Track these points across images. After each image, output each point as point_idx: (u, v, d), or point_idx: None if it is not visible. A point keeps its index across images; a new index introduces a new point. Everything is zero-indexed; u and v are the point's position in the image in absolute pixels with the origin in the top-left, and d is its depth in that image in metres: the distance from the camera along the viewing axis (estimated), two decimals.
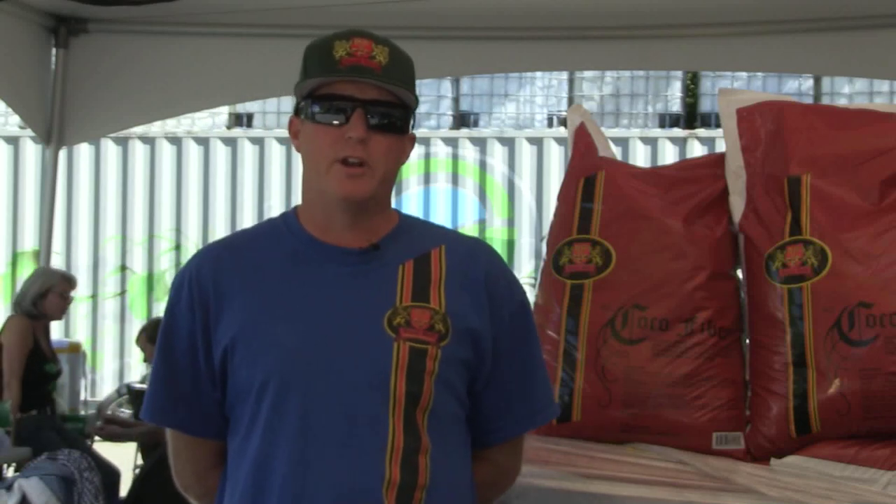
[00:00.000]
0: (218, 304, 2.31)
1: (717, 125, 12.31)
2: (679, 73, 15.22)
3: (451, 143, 14.01)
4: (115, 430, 7.29)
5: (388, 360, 2.26)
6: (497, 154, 13.87)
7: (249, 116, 14.90)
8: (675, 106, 15.70)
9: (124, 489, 6.88)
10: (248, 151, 13.92)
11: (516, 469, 2.51)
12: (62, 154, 7.20)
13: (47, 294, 7.25)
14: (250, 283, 2.32)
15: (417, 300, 2.31)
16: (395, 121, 2.30)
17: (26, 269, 11.59)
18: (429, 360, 2.27)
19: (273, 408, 2.26)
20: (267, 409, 2.27)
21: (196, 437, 2.39)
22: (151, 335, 6.74)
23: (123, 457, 8.65)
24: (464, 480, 2.36)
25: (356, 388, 2.25)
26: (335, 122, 2.27)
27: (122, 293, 13.89)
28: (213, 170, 13.86)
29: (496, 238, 13.67)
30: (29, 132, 11.58)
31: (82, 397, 9.96)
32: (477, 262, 2.39)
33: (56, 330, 9.52)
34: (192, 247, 13.17)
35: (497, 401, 2.39)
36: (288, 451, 2.25)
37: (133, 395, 7.81)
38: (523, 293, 2.45)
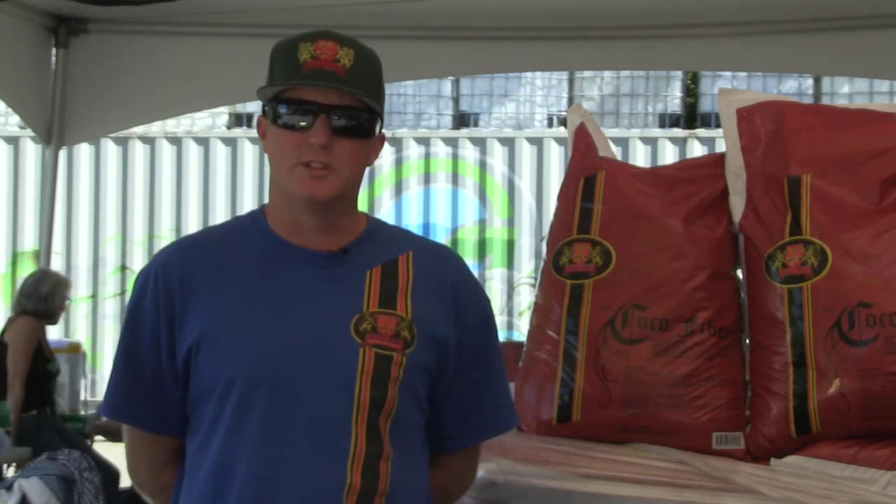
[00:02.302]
0: (184, 302, 2.30)
1: (717, 125, 12.32)
2: (679, 73, 15.23)
3: (451, 143, 14.02)
4: (114, 426, 7.30)
5: (353, 366, 2.25)
6: (497, 154, 13.88)
7: (249, 116, 14.90)
8: (675, 106, 15.71)
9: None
10: (248, 151, 13.92)
11: (472, 477, 2.51)
12: (62, 154, 7.21)
13: (56, 294, 7.27)
14: (218, 281, 2.30)
15: (384, 306, 2.30)
16: (359, 125, 2.28)
17: (26, 269, 11.59)
18: (394, 366, 2.27)
19: (237, 409, 2.25)
20: (230, 410, 2.25)
21: (154, 434, 2.37)
22: None
23: (123, 457, 8.65)
24: (422, 487, 2.35)
25: (321, 393, 2.24)
26: (298, 125, 2.26)
27: (122, 293, 13.90)
28: (213, 170, 13.87)
29: (496, 238, 13.68)
30: (29, 132, 11.58)
31: (82, 397, 9.95)
32: (444, 270, 2.38)
33: (56, 330, 9.52)
34: None
35: (457, 409, 2.39)
36: (249, 452, 2.24)
37: None
38: (488, 302, 2.45)
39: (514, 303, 13.63)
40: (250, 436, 2.24)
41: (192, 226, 13.61)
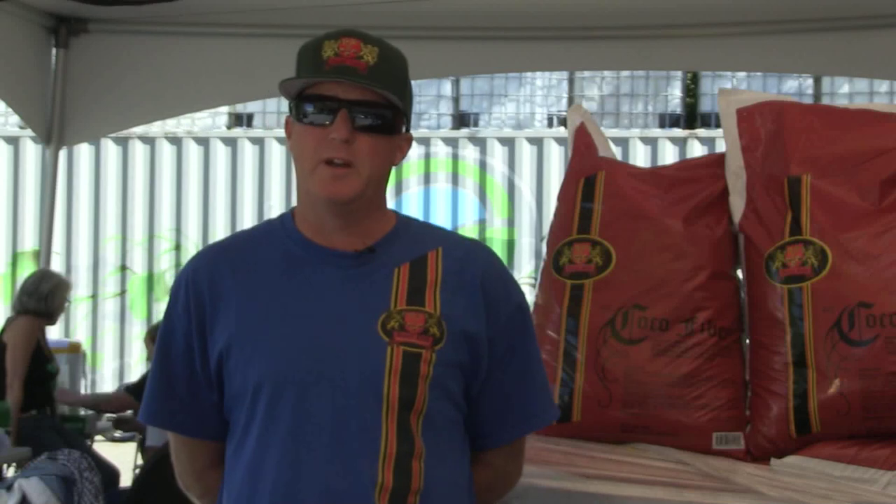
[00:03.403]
0: (213, 308, 2.31)
1: (717, 125, 12.32)
2: (679, 73, 15.22)
3: (451, 143, 14.01)
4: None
5: (381, 365, 2.25)
6: (497, 154, 13.87)
7: (249, 116, 14.90)
8: (675, 106, 15.70)
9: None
10: (248, 151, 13.92)
11: (517, 472, 2.50)
12: (62, 154, 7.21)
13: (56, 294, 7.26)
14: (245, 285, 2.32)
15: (412, 303, 2.30)
16: (381, 121, 2.28)
17: (26, 269, 11.59)
18: (423, 363, 2.26)
19: (267, 411, 2.26)
20: (261, 413, 2.27)
21: (194, 439, 2.39)
22: (155, 336, 6.76)
23: (123, 457, 8.65)
24: (460, 484, 2.34)
25: (349, 393, 2.24)
26: (321, 122, 2.26)
27: (122, 293, 13.89)
28: (213, 170, 13.87)
29: (496, 238, 13.67)
30: (29, 132, 11.58)
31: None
32: (474, 264, 2.37)
33: (56, 330, 9.52)
34: (192, 247, 13.18)
35: (495, 404, 2.38)
36: (279, 453, 2.25)
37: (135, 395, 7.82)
38: (521, 295, 2.43)
39: None
40: (280, 437, 2.25)
41: (193, 226, 13.60)
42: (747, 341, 3.64)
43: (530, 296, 2.60)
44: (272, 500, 2.24)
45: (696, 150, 13.41)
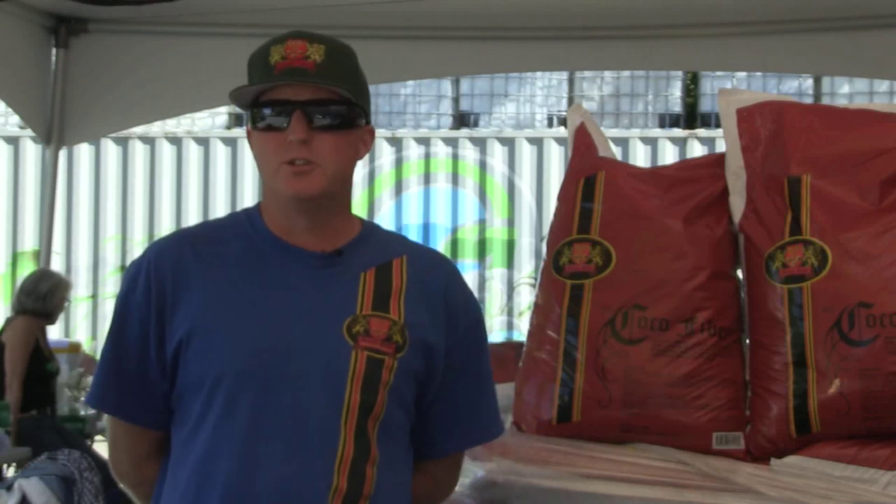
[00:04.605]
0: (175, 295, 2.29)
1: (717, 125, 12.31)
2: (679, 73, 15.22)
3: (451, 143, 14.01)
4: None
5: (344, 368, 2.26)
6: (497, 154, 13.87)
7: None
8: (675, 106, 15.71)
9: None
10: (247, 151, 13.82)
11: (453, 483, 2.52)
12: (62, 154, 7.21)
13: (55, 293, 7.26)
14: (211, 276, 2.30)
15: (377, 309, 2.30)
16: (337, 117, 2.28)
17: (26, 269, 11.60)
18: (384, 370, 2.27)
19: (224, 406, 2.25)
20: (218, 407, 2.25)
21: (138, 426, 2.37)
22: None
23: None
24: (405, 491, 2.36)
25: (310, 393, 2.24)
26: (278, 126, 2.27)
27: None
28: (213, 170, 13.87)
29: (496, 238, 13.68)
30: (29, 132, 11.58)
31: (82, 397, 9.94)
32: (437, 275, 2.39)
33: (56, 330, 9.52)
34: None
35: (443, 415, 2.39)
36: (235, 449, 2.24)
37: None
38: (479, 309, 2.46)
39: (514, 303, 13.63)
40: (237, 433, 2.24)
41: None
42: (747, 341, 3.64)
43: (530, 296, 2.61)
44: (224, 494, 2.23)
45: (696, 150, 13.42)
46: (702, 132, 14.10)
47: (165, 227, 13.74)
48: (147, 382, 2.32)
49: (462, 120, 15.52)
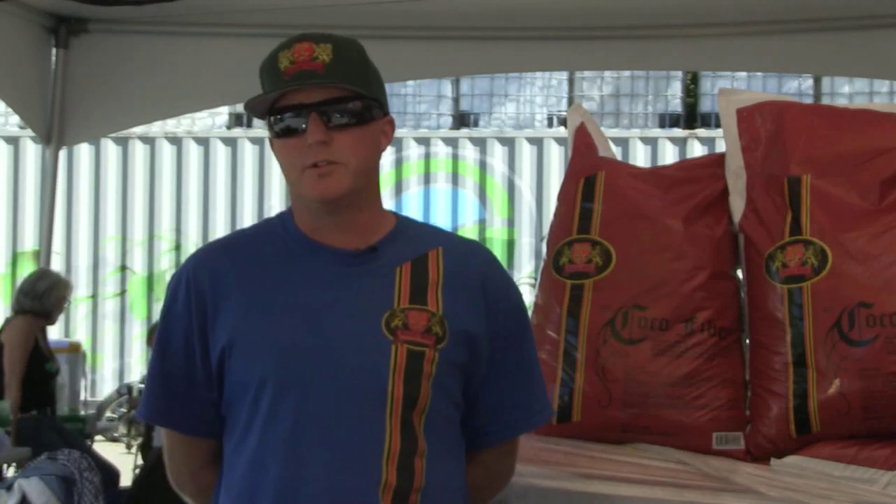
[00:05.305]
0: (215, 305, 2.31)
1: (717, 125, 12.32)
2: (679, 73, 15.23)
3: (451, 143, 14.02)
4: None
5: (385, 363, 2.26)
6: (497, 154, 13.88)
7: (250, 116, 14.90)
8: (675, 106, 15.71)
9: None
10: (248, 151, 13.92)
11: (509, 472, 2.51)
12: (62, 154, 7.21)
13: (53, 293, 7.26)
14: (247, 282, 2.32)
15: (415, 302, 2.30)
16: (353, 113, 2.29)
17: (26, 269, 11.60)
18: (426, 362, 2.27)
19: (270, 409, 2.26)
20: (264, 410, 2.26)
21: (191, 437, 2.39)
22: None
23: (123, 457, 8.66)
24: (458, 483, 2.35)
25: (353, 390, 2.25)
26: (296, 131, 2.28)
27: (122, 293, 13.90)
28: (213, 170, 13.88)
29: (496, 238, 13.68)
30: (29, 132, 11.59)
31: (82, 397, 9.95)
32: (474, 264, 2.38)
33: (56, 330, 9.52)
34: (192, 247, 13.17)
35: (491, 403, 2.38)
36: (283, 451, 2.25)
37: (133, 395, 7.83)
38: (520, 295, 2.44)
39: None
40: (284, 434, 2.25)
41: (193, 226, 13.61)
42: (747, 341, 3.64)
43: (530, 296, 2.60)
44: (276, 497, 2.24)
45: (696, 150, 13.42)
46: (702, 132, 14.11)
47: (165, 227, 13.75)
48: (195, 392, 2.34)
49: (462, 120, 15.52)
